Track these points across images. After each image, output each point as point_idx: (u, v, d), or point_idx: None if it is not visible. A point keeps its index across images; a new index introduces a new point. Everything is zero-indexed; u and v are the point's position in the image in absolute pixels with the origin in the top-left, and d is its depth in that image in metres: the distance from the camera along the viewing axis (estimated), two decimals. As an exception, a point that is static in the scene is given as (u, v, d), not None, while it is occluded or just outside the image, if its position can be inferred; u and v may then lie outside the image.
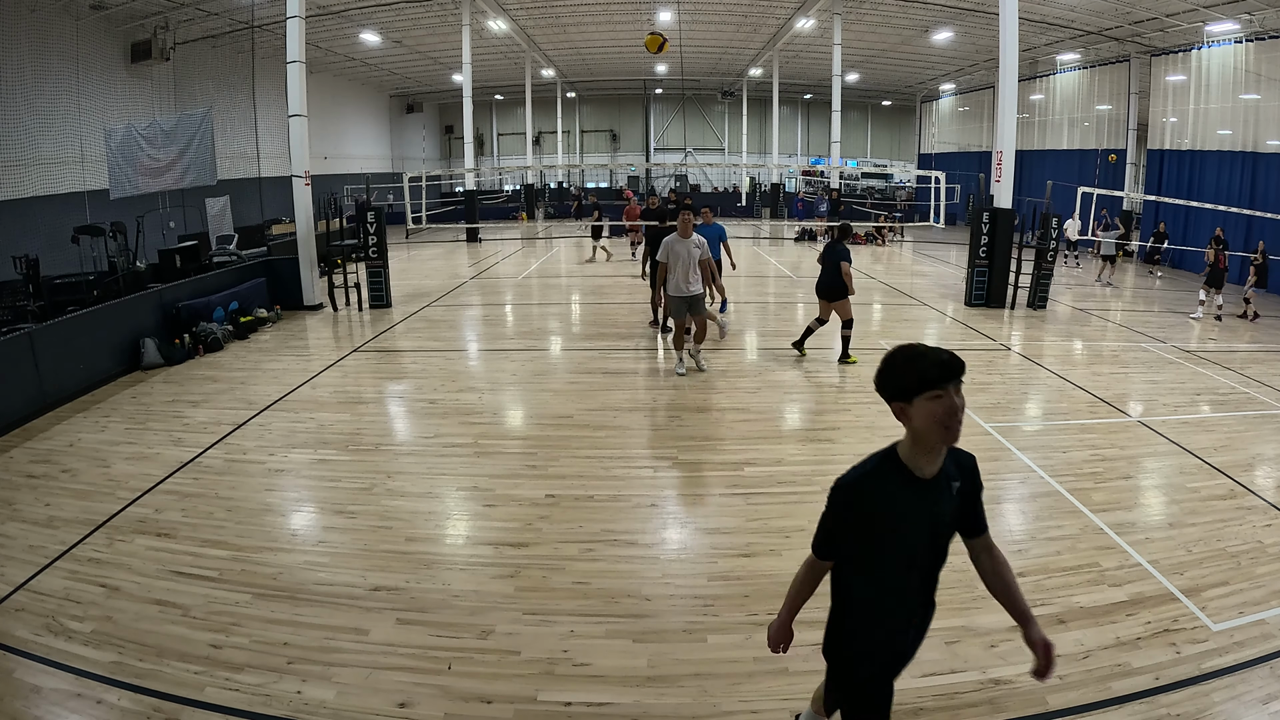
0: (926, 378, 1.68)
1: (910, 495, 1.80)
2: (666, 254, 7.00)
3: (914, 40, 21.69)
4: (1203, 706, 2.92)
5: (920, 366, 1.69)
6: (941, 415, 1.68)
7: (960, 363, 1.69)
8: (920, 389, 1.69)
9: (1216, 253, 11.13)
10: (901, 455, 1.81)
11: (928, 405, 1.69)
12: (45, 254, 10.21)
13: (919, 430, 1.73)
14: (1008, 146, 11.26)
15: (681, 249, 6.96)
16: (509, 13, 19.72)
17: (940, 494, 1.83)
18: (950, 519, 1.89)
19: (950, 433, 1.71)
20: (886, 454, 1.84)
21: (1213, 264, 11.10)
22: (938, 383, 1.67)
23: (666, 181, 33.12)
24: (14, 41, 12.35)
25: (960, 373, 1.69)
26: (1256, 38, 14.45)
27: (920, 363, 1.69)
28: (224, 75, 18.14)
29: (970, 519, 1.95)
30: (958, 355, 1.70)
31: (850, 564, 1.99)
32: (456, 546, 4.25)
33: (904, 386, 1.72)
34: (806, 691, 3.03)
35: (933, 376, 1.67)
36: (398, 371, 7.90)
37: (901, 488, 1.80)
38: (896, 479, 1.81)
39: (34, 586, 3.73)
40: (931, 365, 1.68)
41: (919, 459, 1.78)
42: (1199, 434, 6.05)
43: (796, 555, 4.04)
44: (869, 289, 13.28)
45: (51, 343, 6.80)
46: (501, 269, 15.83)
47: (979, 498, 1.93)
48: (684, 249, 6.96)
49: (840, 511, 1.88)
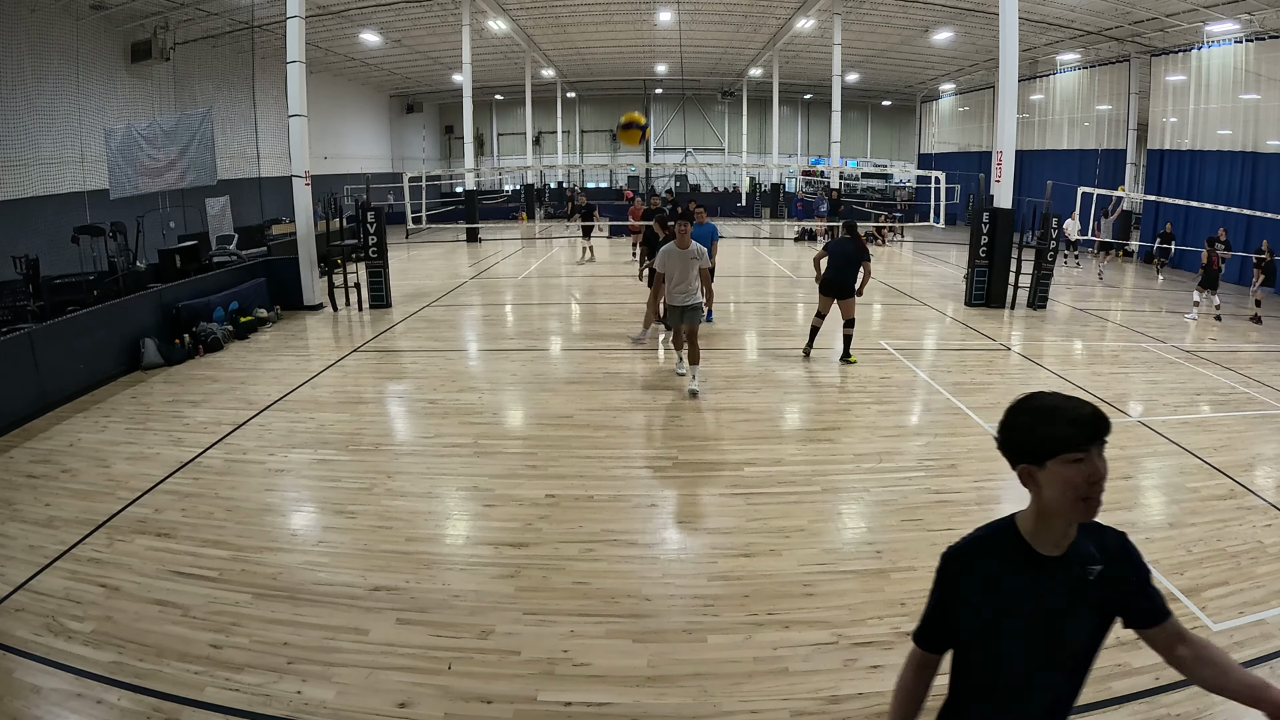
0: (1061, 437, 1.37)
1: (1027, 579, 1.46)
2: (663, 264, 6.89)
3: (914, 40, 21.68)
4: (1203, 706, 2.92)
5: (1054, 423, 1.38)
6: (1080, 484, 1.37)
7: (1105, 421, 1.39)
8: (1054, 451, 1.37)
9: (1209, 254, 11.12)
10: (1022, 528, 1.49)
11: (1063, 471, 1.37)
12: (45, 254, 10.20)
13: (1048, 500, 1.41)
14: (1008, 146, 11.26)
15: (678, 259, 6.76)
16: (509, 13, 19.72)
17: (1069, 579, 1.47)
18: (1085, 611, 1.51)
19: (1089, 506, 1.40)
20: (1005, 524, 1.53)
21: (1206, 265, 11.09)
22: (1076, 444, 1.36)
23: (666, 181, 33.10)
24: (14, 41, 12.34)
25: (1106, 432, 1.38)
26: (1256, 38, 14.44)
27: (1054, 418, 1.38)
28: (224, 75, 18.14)
29: (1137, 607, 1.57)
30: (1101, 411, 1.39)
31: (959, 663, 1.65)
32: (456, 546, 4.25)
33: (1033, 446, 1.40)
34: (806, 691, 3.04)
35: (1068, 435, 1.36)
36: (398, 371, 7.90)
37: (1017, 567, 1.47)
38: (1012, 556, 1.48)
39: (34, 586, 3.73)
40: (1068, 423, 1.37)
41: (1042, 534, 1.46)
42: (1199, 434, 6.05)
43: (796, 555, 4.06)
44: (869, 289, 13.26)
45: (51, 343, 6.80)
46: (501, 269, 15.82)
47: (1146, 581, 1.54)
48: (680, 259, 6.82)
49: (942, 588, 1.58)
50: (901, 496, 4.82)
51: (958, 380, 7.48)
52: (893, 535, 4.32)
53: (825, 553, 4.13)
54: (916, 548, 4.16)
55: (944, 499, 4.77)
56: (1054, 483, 1.39)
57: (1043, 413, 1.41)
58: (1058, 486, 1.39)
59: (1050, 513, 1.43)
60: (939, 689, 1.69)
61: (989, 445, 5.72)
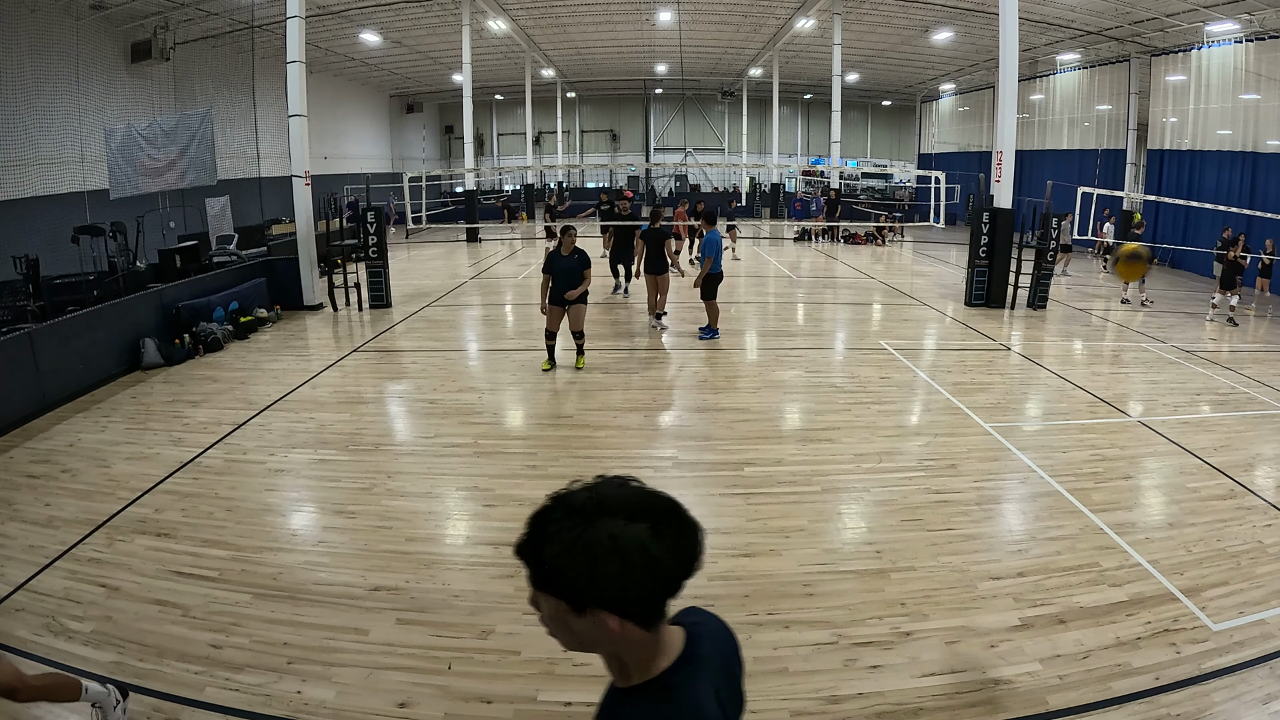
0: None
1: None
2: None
3: (914, 40, 21.68)
4: (1203, 706, 2.92)
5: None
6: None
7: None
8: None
9: (1223, 253, 11.09)
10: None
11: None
12: (45, 254, 10.19)
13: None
14: (1008, 146, 11.26)
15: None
16: (509, 13, 19.72)
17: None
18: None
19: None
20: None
21: (1226, 266, 11.03)
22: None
23: (666, 181, 33.10)
24: (14, 41, 12.34)
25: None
26: (1256, 38, 14.44)
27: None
28: (224, 75, 18.13)
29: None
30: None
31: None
32: (456, 546, 4.25)
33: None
34: (807, 691, 3.04)
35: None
36: (398, 371, 7.90)
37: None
38: None
39: (34, 586, 3.73)
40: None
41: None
42: (1199, 434, 6.05)
43: (796, 555, 4.06)
44: (869, 289, 13.29)
45: (51, 343, 6.80)
46: (501, 269, 15.82)
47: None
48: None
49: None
50: (901, 496, 4.82)
51: (958, 380, 7.48)
52: (893, 535, 4.32)
53: (825, 553, 4.13)
54: (916, 548, 4.16)
55: (944, 499, 4.77)
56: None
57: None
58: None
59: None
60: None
61: (989, 445, 5.73)
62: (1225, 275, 11.06)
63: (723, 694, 1.12)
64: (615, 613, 0.98)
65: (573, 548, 0.95)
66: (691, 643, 1.12)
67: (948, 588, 3.76)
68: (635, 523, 0.96)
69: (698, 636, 1.15)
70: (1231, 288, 11.01)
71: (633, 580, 0.96)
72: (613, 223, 11.57)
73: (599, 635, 1.00)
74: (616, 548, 0.95)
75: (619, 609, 0.98)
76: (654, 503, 1.01)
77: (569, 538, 0.96)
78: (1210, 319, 10.98)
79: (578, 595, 0.97)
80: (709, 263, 8.79)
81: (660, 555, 0.97)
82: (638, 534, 0.96)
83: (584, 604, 0.98)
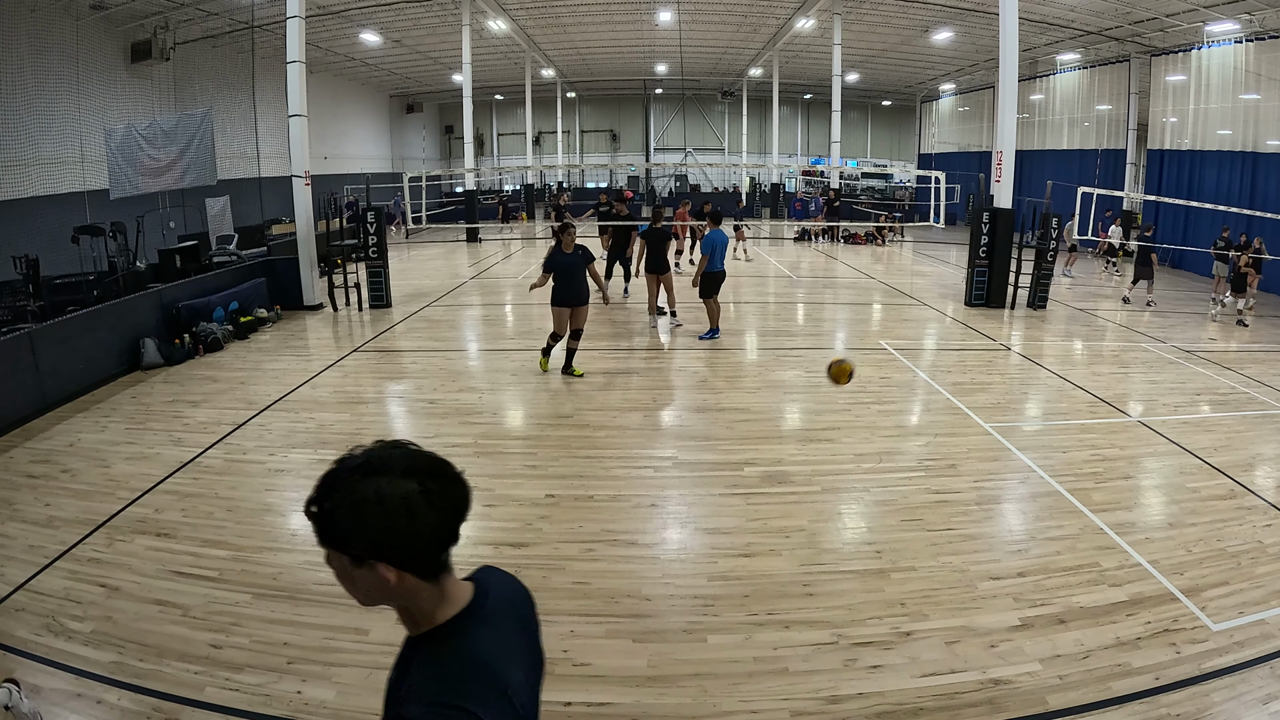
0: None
1: None
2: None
3: (914, 40, 21.68)
4: (1203, 706, 2.92)
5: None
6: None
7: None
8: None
9: (1223, 253, 11.07)
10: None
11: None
12: (45, 254, 10.19)
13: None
14: (1008, 146, 11.26)
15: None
16: (509, 13, 19.71)
17: None
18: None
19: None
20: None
21: (1236, 274, 11.00)
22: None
23: (666, 181, 33.11)
24: (14, 41, 12.33)
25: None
26: (1256, 38, 14.44)
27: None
28: (224, 75, 18.13)
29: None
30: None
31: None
32: (457, 546, 4.24)
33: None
34: (807, 691, 3.04)
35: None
36: (398, 371, 7.90)
37: None
38: None
39: (34, 586, 3.73)
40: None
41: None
42: (1199, 434, 6.05)
43: (796, 555, 4.06)
44: (869, 289, 13.29)
45: (51, 343, 6.80)
46: (501, 269, 15.82)
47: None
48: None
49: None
50: (901, 496, 4.82)
51: (958, 380, 7.48)
52: (893, 535, 4.32)
53: (825, 553, 4.13)
54: (916, 548, 4.16)
55: (944, 499, 4.77)
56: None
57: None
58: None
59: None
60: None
61: (989, 445, 5.73)
62: (1237, 280, 11.02)
63: (516, 648, 1.22)
64: (391, 564, 1.06)
65: (344, 504, 1.03)
66: (479, 595, 1.20)
67: (948, 588, 3.76)
68: (403, 480, 1.04)
69: (486, 590, 1.23)
70: (1243, 291, 10.98)
71: (400, 532, 1.04)
72: (610, 223, 11.60)
73: (381, 587, 1.08)
74: (382, 502, 1.02)
75: (393, 560, 1.06)
76: (422, 462, 1.08)
77: (340, 496, 1.03)
78: (1215, 317, 10.97)
79: (352, 548, 1.05)
80: (705, 261, 8.83)
81: (424, 509, 1.04)
82: (405, 490, 1.03)
83: (361, 556, 1.05)
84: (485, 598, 1.21)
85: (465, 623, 1.15)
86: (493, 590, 1.25)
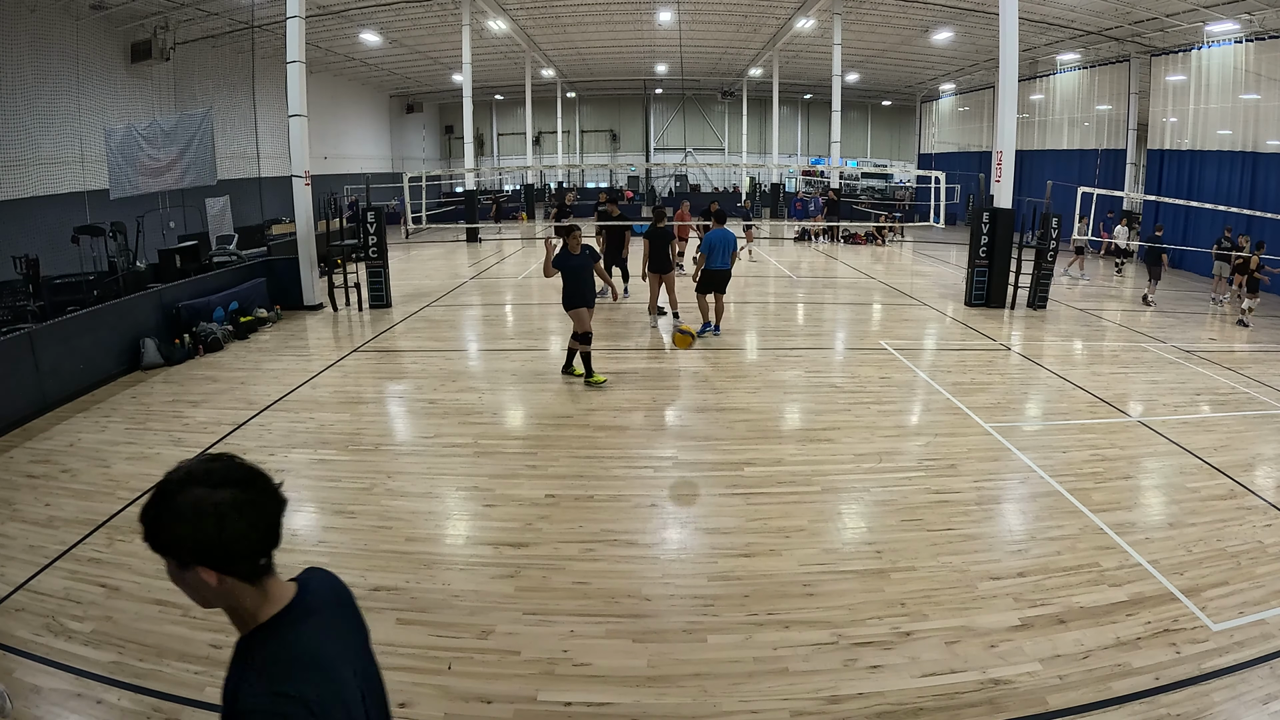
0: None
1: None
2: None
3: (914, 40, 21.68)
4: (1203, 706, 2.92)
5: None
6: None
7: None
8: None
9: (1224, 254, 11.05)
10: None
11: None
12: (45, 254, 10.20)
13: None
14: (1008, 146, 11.26)
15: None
16: (509, 13, 19.72)
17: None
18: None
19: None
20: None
21: (1249, 277, 10.97)
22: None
23: (666, 181, 33.11)
24: (14, 41, 12.34)
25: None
26: (1256, 38, 14.44)
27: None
28: (224, 75, 18.13)
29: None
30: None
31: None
32: (456, 546, 4.25)
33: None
34: (807, 691, 3.04)
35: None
36: (398, 371, 7.90)
37: None
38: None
39: (34, 586, 3.73)
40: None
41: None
42: (1199, 434, 6.05)
43: (796, 555, 4.07)
44: (869, 289, 13.29)
45: (51, 343, 6.80)
46: (501, 269, 15.83)
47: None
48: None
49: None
50: (901, 496, 4.82)
51: (958, 380, 7.48)
52: (893, 535, 4.32)
53: (825, 553, 4.13)
54: (916, 548, 4.16)
55: (944, 499, 4.77)
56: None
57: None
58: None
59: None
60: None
61: (989, 445, 5.73)
62: (1250, 282, 11.00)
63: (341, 635, 1.34)
64: (210, 568, 1.14)
65: (165, 513, 1.13)
66: (301, 594, 1.30)
67: (948, 588, 3.76)
68: (217, 490, 1.13)
69: (307, 589, 1.33)
70: (1256, 292, 10.95)
71: (211, 539, 1.12)
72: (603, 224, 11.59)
73: (204, 588, 1.16)
74: (197, 511, 1.11)
75: (210, 564, 1.14)
76: (237, 474, 1.17)
77: (163, 505, 1.13)
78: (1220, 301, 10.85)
79: (174, 553, 1.14)
80: (703, 259, 8.90)
81: (234, 518, 1.13)
82: (216, 499, 1.12)
83: (183, 560, 1.14)
84: (307, 594, 1.31)
85: (288, 619, 1.24)
86: (314, 587, 1.35)
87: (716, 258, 8.91)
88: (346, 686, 1.24)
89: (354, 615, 1.45)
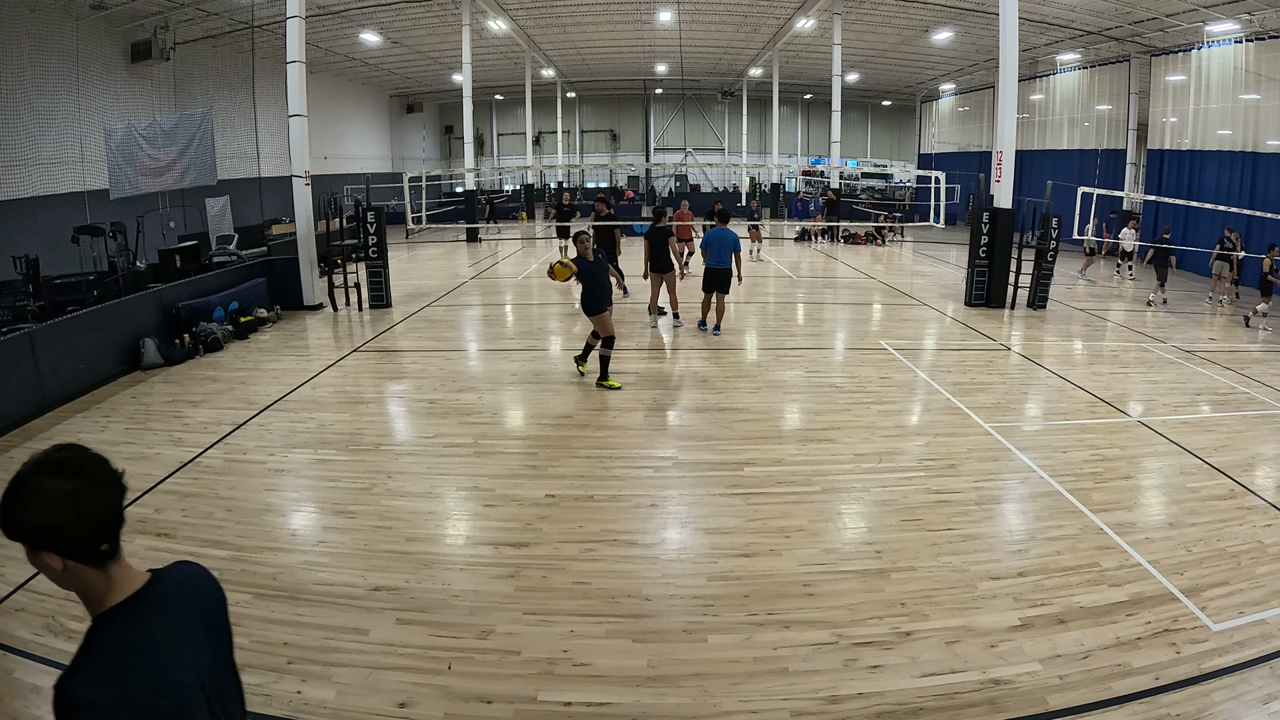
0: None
1: None
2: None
3: (914, 40, 21.68)
4: (1203, 706, 2.92)
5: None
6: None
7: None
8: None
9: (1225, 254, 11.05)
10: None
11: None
12: (45, 254, 10.20)
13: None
14: (1008, 146, 11.26)
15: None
16: (509, 13, 19.72)
17: None
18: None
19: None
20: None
21: (1262, 281, 10.95)
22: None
23: (666, 181, 33.12)
24: (14, 42, 12.34)
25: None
26: (1256, 38, 14.44)
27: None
28: (224, 75, 18.14)
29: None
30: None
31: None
32: (456, 546, 4.24)
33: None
34: (806, 691, 3.04)
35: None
36: (398, 371, 7.90)
37: None
38: None
39: (34, 586, 3.73)
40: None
41: None
42: (1199, 434, 6.05)
43: (796, 555, 4.07)
44: (869, 289, 13.29)
45: (51, 343, 6.80)
46: (501, 269, 15.83)
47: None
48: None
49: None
50: (901, 496, 4.82)
51: (958, 380, 7.48)
52: (893, 535, 4.32)
53: (825, 553, 4.13)
54: (916, 548, 4.16)
55: (944, 499, 4.77)
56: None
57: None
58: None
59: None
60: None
61: (989, 445, 5.73)
62: (1263, 284, 10.98)
63: (189, 629, 1.34)
64: (55, 552, 1.18)
65: (11, 500, 1.17)
66: (152, 584, 1.31)
67: (948, 588, 3.76)
68: (53, 479, 1.17)
69: (161, 580, 1.34)
70: (1269, 294, 10.93)
71: (46, 524, 1.16)
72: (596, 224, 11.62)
73: (53, 572, 1.21)
74: (33, 497, 1.16)
75: (55, 549, 1.18)
76: (73, 464, 1.21)
77: (10, 493, 1.17)
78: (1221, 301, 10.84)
79: (21, 539, 1.18)
80: (703, 256, 8.98)
81: (65, 505, 1.17)
82: (51, 487, 1.17)
83: (32, 545, 1.19)
84: (157, 586, 1.31)
85: (131, 608, 1.26)
86: (171, 580, 1.36)
87: (713, 256, 8.94)
88: (181, 689, 1.25)
89: (210, 616, 1.44)
